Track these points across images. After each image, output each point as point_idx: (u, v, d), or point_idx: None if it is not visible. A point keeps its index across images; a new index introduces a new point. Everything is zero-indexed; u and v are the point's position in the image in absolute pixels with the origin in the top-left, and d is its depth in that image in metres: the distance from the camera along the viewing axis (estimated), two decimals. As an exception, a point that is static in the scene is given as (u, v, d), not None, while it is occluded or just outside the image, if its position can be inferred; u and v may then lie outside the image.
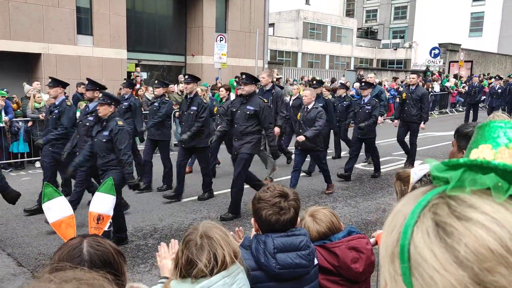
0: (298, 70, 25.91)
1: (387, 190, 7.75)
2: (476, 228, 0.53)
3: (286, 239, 2.01)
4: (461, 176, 0.58)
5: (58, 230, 2.38)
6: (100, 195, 2.65)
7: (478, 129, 0.68)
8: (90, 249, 1.35)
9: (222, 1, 18.94)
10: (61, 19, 14.51)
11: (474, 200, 0.56)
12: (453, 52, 28.15)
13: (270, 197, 2.01)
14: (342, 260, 2.20)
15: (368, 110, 8.25)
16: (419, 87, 9.29)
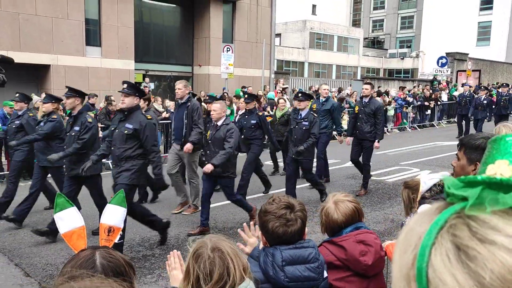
0: (305, 80, 25.96)
1: (395, 200, 7.69)
2: (501, 253, 0.50)
3: (294, 251, 1.99)
4: (480, 194, 0.55)
5: (69, 241, 2.38)
6: (111, 207, 2.65)
7: (493, 143, 0.65)
8: (103, 260, 1.35)
9: (229, 12, 19.08)
10: (70, 30, 14.70)
11: (496, 221, 0.53)
12: (461, 61, 28.06)
13: (276, 209, 1.99)
14: (350, 253, 2.19)
15: (305, 126, 6.98)
16: (373, 99, 8.16)
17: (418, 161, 11.43)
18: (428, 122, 19.45)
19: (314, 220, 6.56)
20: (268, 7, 20.19)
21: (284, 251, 1.98)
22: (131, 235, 6.07)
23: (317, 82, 24.02)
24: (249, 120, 7.98)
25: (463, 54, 28.92)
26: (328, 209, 2.30)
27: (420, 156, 12.16)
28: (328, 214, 2.28)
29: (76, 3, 14.77)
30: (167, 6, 18.58)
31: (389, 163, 11.19)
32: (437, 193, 2.33)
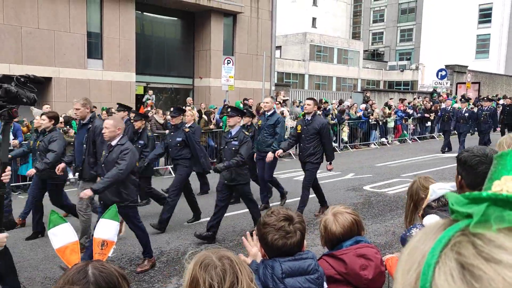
0: (305, 92, 26.06)
1: (396, 212, 7.66)
2: (508, 272, 0.48)
3: (294, 263, 1.98)
4: (485, 212, 0.54)
5: (63, 256, 2.40)
6: (104, 221, 2.68)
7: (499, 159, 0.63)
8: (95, 271, 1.34)
9: (229, 25, 19.24)
10: (72, 44, 14.82)
11: (502, 239, 0.51)
12: (460, 74, 28.19)
13: (275, 221, 1.99)
14: (350, 267, 2.17)
15: (235, 146, 6.00)
16: (316, 117, 7.19)
17: (419, 173, 11.39)
18: (428, 134, 19.47)
19: (315, 232, 6.53)
20: (268, 20, 20.37)
21: (283, 263, 1.97)
22: (130, 248, 6.04)
23: (317, 95, 24.11)
24: (175, 138, 7.12)
25: (462, 66, 29.06)
26: (327, 221, 2.29)
27: (421, 168, 12.14)
28: (327, 226, 2.27)
29: (78, 16, 14.92)
30: (168, 19, 18.75)
31: (390, 175, 11.17)
32: (444, 205, 2.31)
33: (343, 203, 7.72)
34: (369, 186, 9.83)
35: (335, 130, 16.18)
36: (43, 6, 14.15)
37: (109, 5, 15.65)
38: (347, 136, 16.42)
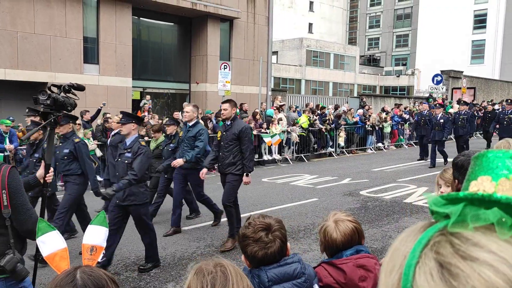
0: (302, 97, 26.12)
1: (393, 217, 7.65)
2: (483, 269, 0.50)
3: (279, 269, 1.97)
4: (462, 211, 0.56)
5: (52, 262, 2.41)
6: (93, 227, 2.69)
7: (476, 160, 0.65)
8: (83, 275, 1.36)
9: (226, 30, 19.29)
10: (68, 48, 14.80)
11: (479, 238, 0.53)
12: (456, 79, 28.35)
13: (253, 233, 1.98)
14: (349, 277, 2.15)
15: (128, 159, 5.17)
16: (237, 121, 6.15)
17: (415, 178, 11.43)
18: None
19: (311, 237, 6.52)
20: (265, 25, 20.43)
21: (268, 271, 1.96)
22: (126, 254, 6.01)
23: (314, 100, 24.16)
24: (62, 149, 6.01)
25: (457, 72, 29.23)
26: (327, 227, 2.26)
27: (417, 173, 12.17)
28: (327, 233, 2.24)
29: (74, 21, 14.91)
30: (165, 24, 18.78)
31: (386, 180, 11.18)
32: None
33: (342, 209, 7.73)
34: (366, 191, 9.83)
35: (332, 135, 16.21)
36: (39, 11, 14.14)
37: (106, 10, 15.66)
38: (343, 141, 16.45)
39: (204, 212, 8.12)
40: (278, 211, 8.13)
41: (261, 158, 14.29)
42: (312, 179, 11.47)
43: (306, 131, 15.27)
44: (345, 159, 15.38)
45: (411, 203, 8.58)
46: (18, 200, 2.67)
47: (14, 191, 2.66)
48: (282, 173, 12.48)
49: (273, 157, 14.49)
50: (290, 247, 2.11)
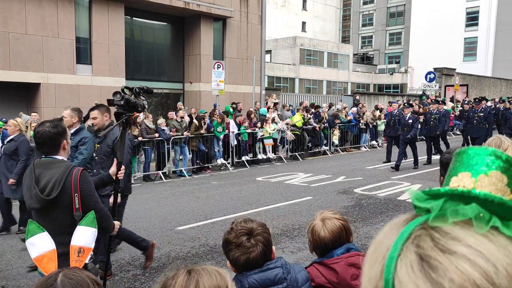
0: (296, 96, 26.14)
1: (387, 214, 7.69)
2: (461, 262, 0.52)
3: (259, 275, 1.96)
4: (443, 206, 0.58)
5: (40, 264, 2.40)
6: (81, 228, 2.68)
7: (457, 156, 0.67)
8: (64, 278, 1.36)
9: (219, 29, 19.26)
10: (60, 49, 14.71)
11: (458, 232, 0.55)
12: (448, 76, 28.50)
13: (235, 238, 1.97)
14: (342, 276, 2.15)
15: None
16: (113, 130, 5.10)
17: (408, 175, 11.49)
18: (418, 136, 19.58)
19: (306, 236, 6.53)
20: (258, 24, 20.42)
21: (249, 276, 1.95)
22: (121, 254, 6.00)
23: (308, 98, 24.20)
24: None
25: (450, 69, 29.39)
26: (315, 226, 2.26)
27: (411, 170, 12.23)
28: (315, 231, 2.24)
29: (66, 21, 14.82)
30: (158, 24, 18.71)
31: (380, 177, 11.23)
32: None
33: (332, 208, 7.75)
34: (360, 189, 9.87)
35: (326, 133, 16.25)
36: (30, 11, 14.04)
37: (98, 10, 15.58)
38: (337, 139, 16.49)
39: (198, 212, 8.13)
40: (273, 210, 8.15)
41: (256, 157, 14.31)
42: (307, 177, 11.50)
43: (300, 130, 15.30)
44: (339, 157, 15.43)
45: (405, 201, 8.63)
46: (90, 202, 2.87)
47: (86, 194, 2.86)
48: (276, 172, 12.50)
49: (267, 156, 14.50)
50: (275, 250, 2.10)
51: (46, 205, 2.85)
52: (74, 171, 2.88)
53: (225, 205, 8.57)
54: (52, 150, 2.98)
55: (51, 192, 2.82)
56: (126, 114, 3.56)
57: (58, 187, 2.83)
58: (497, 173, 0.63)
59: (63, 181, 2.84)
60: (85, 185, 2.87)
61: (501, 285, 0.50)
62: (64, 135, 3.02)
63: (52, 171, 2.89)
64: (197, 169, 12.84)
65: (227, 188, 10.32)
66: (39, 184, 2.87)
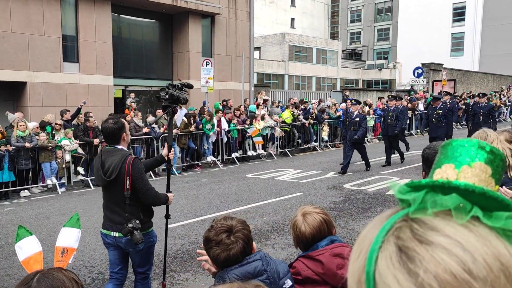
0: (285, 92, 26.16)
1: (376, 209, 7.75)
2: (438, 252, 0.51)
3: (239, 269, 2.00)
4: (424, 198, 0.57)
5: (27, 267, 2.42)
6: (66, 229, 2.70)
7: (442, 148, 0.67)
8: (41, 277, 1.39)
9: (207, 26, 19.18)
10: (46, 47, 14.53)
11: (437, 223, 0.55)
12: (436, 72, 28.73)
13: (215, 235, 2.01)
14: (327, 266, 2.18)
15: None
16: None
17: (397, 170, 11.58)
18: (406, 131, 19.75)
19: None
20: (246, 21, 20.37)
21: (230, 272, 1.99)
22: (110, 253, 5.96)
23: (297, 95, 24.23)
24: None
25: (438, 64, 29.62)
26: (296, 222, 2.30)
27: (400, 165, 12.33)
28: (297, 227, 2.28)
29: (52, 19, 14.63)
30: (146, 21, 18.57)
31: (369, 172, 11.30)
32: None
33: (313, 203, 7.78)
34: (349, 184, 9.93)
35: (315, 130, 16.30)
36: (15, 9, 13.84)
37: (84, 8, 15.41)
38: (327, 135, 16.55)
39: (189, 209, 8.11)
40: (263, 207, 8.17)
41: (246, 154, 14.31)
42: (297, 173, 11.54)
43: (289, 126, 15.32)
44: (329, 153, 15.50)
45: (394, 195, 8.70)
46: (139, 185, 3.61)
47: (136, 178, 3.59)
48: (266, 169, 12.51)
49: (257, 152, 14.51)
50: (255, 246, 2.12)
51: (107, 184, 3.64)
52: (128, 159, 3.60)
53: (215, 202, 8.56)
54: (114, 142, 3.74)
55: (111, 175, 3.59)
56: (171, 106, 4.27)
57: (116, 171, 3.58)
58: (481, 164, 0.62)
59: (119, 166, 3.58)
60: (135, 171, 3.58)
61: (479, 274, 0.50)
62: (123, 129, 3.74)
63: (112, 157, 3.65)
64: (187, 167, 12.81)
65: (217, 185, 10.31)
66: (104, 167, 3.65)
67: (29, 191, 10.15)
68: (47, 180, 10.33)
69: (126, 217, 3.60)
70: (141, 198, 3.67)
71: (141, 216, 3.69)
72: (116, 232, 3.68)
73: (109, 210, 3.75)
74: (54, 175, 10.36)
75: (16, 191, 9.98)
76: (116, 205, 3.69)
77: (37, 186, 10.37)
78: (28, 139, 9.97)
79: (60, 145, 10.44)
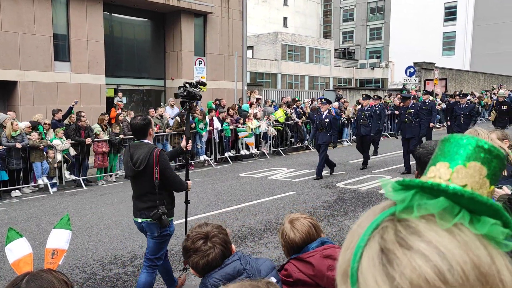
0: (278, 91, 26.18)
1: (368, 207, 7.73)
2: (416, 258, 0.51)
3: (219, 272, 2.02)
4: (412, 199, 0.56)
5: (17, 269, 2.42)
6: (56, 231, 2.71)
7: (440, 144, 0.65)
8: (30, 278, 1.40)
9: (200, 25, 19.13)
10: (37, 46, 14.40)
11: (421, 226, 0.54)
12: (428, 71, 28.92)
13: (192, 243, 2.03)
14: (318, 268, 2.17)
15: None
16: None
17: (390, 168, 11.64)
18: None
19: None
20: (239, 20, 20.35)
21: (210, 277, 2.01)
22: (102, 253, 5.93)
23: (290, 94, 24.25)
24: None
25: (430, 63, 29.81)
26: (284, 229, 2.29)
27: (392, 164, 12.39)
28: (285, 234, 2.28)
29: (43, 18, 14.51)
30: (138, 20, 18.47)
31: (362, 171, 11.35)
32: None
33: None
34: (342, 183, 9.96)
35: (308, 128, 16.33)
36: (6, 7, 13.70)
37: (76, 6, 15.29)
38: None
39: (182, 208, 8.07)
40: (256, 206, 8.17)
41: (238, 153, 14.30)
42: (289, 172, 11.55)
43: (282, 125, 15.32)
44: (322, 152, 15.51)
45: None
46: (166, 174, 4.04)
47: (163, 168, 4.02)
48: (259, 168, 12.51)
49: (250, 151, 14.50)
50: (234, 248, 2.14)
51: (136, 174, 4.05)
52: (154, 151, 4.01)
53: (208, 201, 8.54)
54: (141, 136, 4.15)
55: (139, 166, 4.00)
56: (188, 102, 4.81)
57: (144, 162, 3.99)
58: (476, 164, 0.60)
59: (147, 158, 3.98)
60: (162, 161, 4.01)
61: (454, 283, 0.49)
62: (150, 125, 4.16)
63: (140, 150, 4.05)
64: (179, 166, 12.77)
65: (210, 185, 10.29)
66: (132, 159, 4.05)
67: (20, 191, 10.06)
68: (38, 180, 10.25)
69: (157, 203, 4.03)
70: (169, 184, 4.14)
71: (164, 202, 4.14)
72: (140, 218, 4.14)
73: (137, 199, 4.18)
74: (45, 175, 10.28)
75: (7, 191, 9.89)
76: (143, 194, 4.12)
77: (28, 186, 10.29)
78: (19, 139, 9.88)
79: (52, 144, 10.36)
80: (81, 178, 10.78)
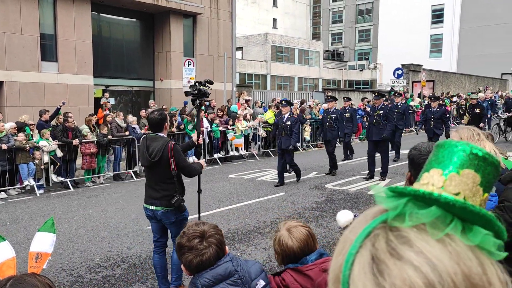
0: (267, 92, 26.20)
1: (358, 209, 7.81)
2: (406, 268, 0.50)
3: (210, 272, 2.00)
4: (404, 207, 0.56)
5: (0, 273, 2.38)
6: (40, 234, 2.68)
7: (435, 149, 0.64)
8: (14, 282, 1.38)
9: (189, 26, 19.07)
10: (24, 46, 14.22)
11: (413, 236, 0.53)
12: (416, 73, 29.20)
13: (187, 241, 2.00)
14: (317, 283, 2.14)
15: None
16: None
17: (378, 170, 11.70)
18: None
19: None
20: (228, 21, 20.33)
21: (201, 277, 1.99)
22: (89, 256, 5.87)
23: (279, 95, 24.29)
24: None
25: (417, 65, 30.10)
26: (281, 237, 2.21)
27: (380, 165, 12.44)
28: (282, 242, 2.19)
29: (30, 17, 14.33)
30: (126, 20, 18.35)
31: (351, 172, 11.40)
32: None
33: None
34: (331, 184, 9.99)
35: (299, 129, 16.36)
36: (-8, 7, 13.51)
37: (63, 6, 15.13)
38: (309, 135, 16.64)
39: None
40: (245, 207, 8.15)
41: (228, 154, 14.27)
42: (279, 173, 11.53)
43: (272, 127, 15.33)
44: (311, 153, 15.58)
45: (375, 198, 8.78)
46: (181, 164, 4.41)
47: (178, 159, 4.37)
48: (248, 169, 12.50)
49: (239, 153, 14.49)
50: (227, 250, 2.12)
51: (152, 164, 4.38)
52: (169, 144, 4.35)
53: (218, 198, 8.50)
54: (157, 130, 4.48)
55: (154, 157, 4.33)
56: (198, 99, 5.20)
57: (159, 154, 4.31)
58: (470, 172, 0.59)
59: (162, 150, 4.31)
60: (176, 154, 4.36)
61: None
62: (166, 120, 4.51)
63: (156, 143, 4.38)
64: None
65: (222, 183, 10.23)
66: (148, 151, 4.38)
67: (6, 193, 9.91)
68: (24, 182, 10.11)
69: (176, 191, 4.40)
70: (185, 172, 4.50)
71: (177, 190, 4.45)
72: (153, 206, 4.45)
73: (150, 188, 4.48)
74: (31, 176, 10.14)
75: (-7, 193, 9.74)
76: (156, 183, 4.44)
77: (14, 188, 10.14)
78: (5, 140, 9.74)
79: (38, 145, 10.23)
80: (69, 180, 10.66)
